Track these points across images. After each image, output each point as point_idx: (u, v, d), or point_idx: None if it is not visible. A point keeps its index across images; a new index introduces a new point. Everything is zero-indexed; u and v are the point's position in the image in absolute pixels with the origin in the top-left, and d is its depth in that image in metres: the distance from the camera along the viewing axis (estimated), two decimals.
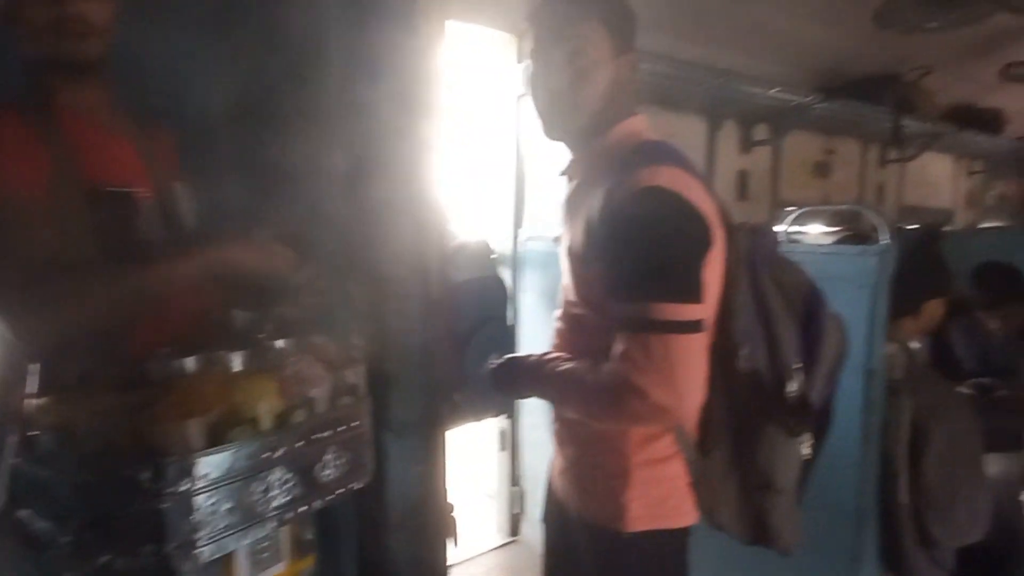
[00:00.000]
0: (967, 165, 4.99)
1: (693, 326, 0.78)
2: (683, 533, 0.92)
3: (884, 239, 1.37)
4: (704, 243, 0.82)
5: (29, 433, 0.74)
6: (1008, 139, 4.53)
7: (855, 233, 2.17)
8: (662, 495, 0.90)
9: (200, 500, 0.65)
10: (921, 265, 1.45)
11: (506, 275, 2.48)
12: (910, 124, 3.59)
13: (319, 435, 0.78)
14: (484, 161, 2.53)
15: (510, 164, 2.45)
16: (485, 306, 1.81)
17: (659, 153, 0.87)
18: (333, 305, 1.40)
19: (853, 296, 1.36)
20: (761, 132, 3.31)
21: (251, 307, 0.93)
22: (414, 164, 1.24)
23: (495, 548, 2.46)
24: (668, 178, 0.81)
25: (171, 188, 1.03)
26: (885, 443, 1.35)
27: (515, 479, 2.54)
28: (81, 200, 0.87)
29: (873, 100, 3.31)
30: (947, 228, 3.45)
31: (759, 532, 0.92)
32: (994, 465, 1.72)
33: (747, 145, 3.30)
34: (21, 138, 0.83)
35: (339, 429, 0.82)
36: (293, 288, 0.98)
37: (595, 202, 0.86)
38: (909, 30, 2.76)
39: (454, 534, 1.32)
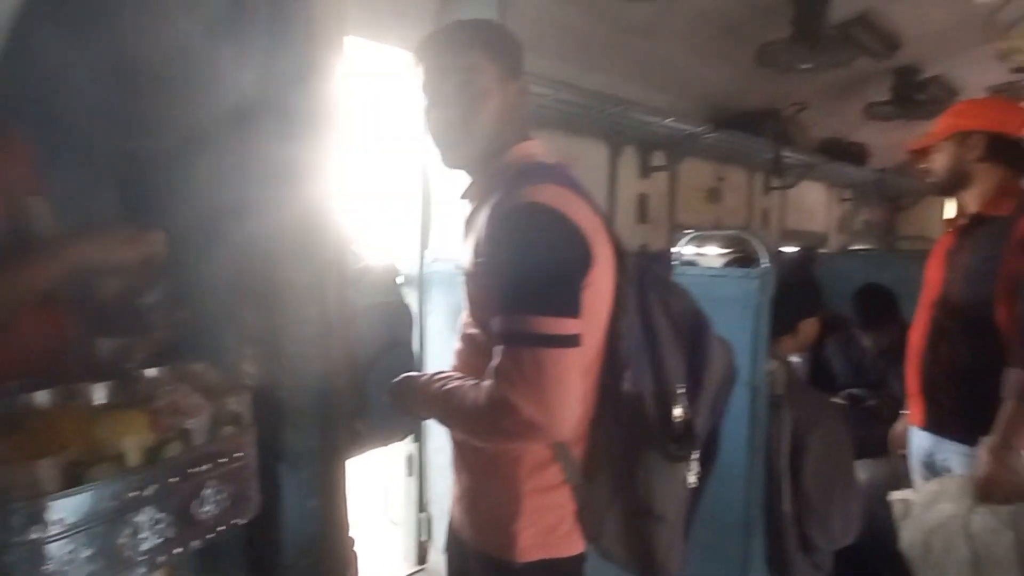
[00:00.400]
0: (838, 193, 5.50)
1: (567, 340, 0.79)
2: (576, 562, 0.92)
3: (765, 263, 1.48)
4: (582, 260, 0.83)
5: None
6: (872, 170, 5.06)
7: (745, 255, 2.32)
8: (552, 523, 0.89)
9: (54, 549, 0.58)
10: (795, 287, 1.57)
11: (412, 297, 2.45)
12: (788, 155, 3.92)
13: (196, 469, 0.73)
14: (391, 181, 2.50)
15: (417, 184, 2.43)
16: (389, 332, 1.77)
17: (544, 173, 0.90)
18: (219, 329, 1.32)
19: (738, 316, 1.45)
20: (658, 158, 3.49)
21: (120, 334, 0.86)
22: (312, 183, 1.20)
23: None
24: (549, 195, 0.83)
25: (25, 203, 0.94)
26: (769, 455, 1.43)
27: (423, 505, 2.48)
28: None
29: (756, 132, 3.59)
30: (819, 251, 3.78)
31: (644, 561, 0.91)
32: (864, 470, 1.88)
33: (646, 170, 3.47)
34: None
35: (220, 461, 0.76)
36: (165, 309, 0.91)
37: (481, 221, 0.87)
38: (785, 70, 3.02)
39: (355, 572, 1.26)
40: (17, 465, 0.56)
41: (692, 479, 0.95)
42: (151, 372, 0.79)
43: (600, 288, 0.87)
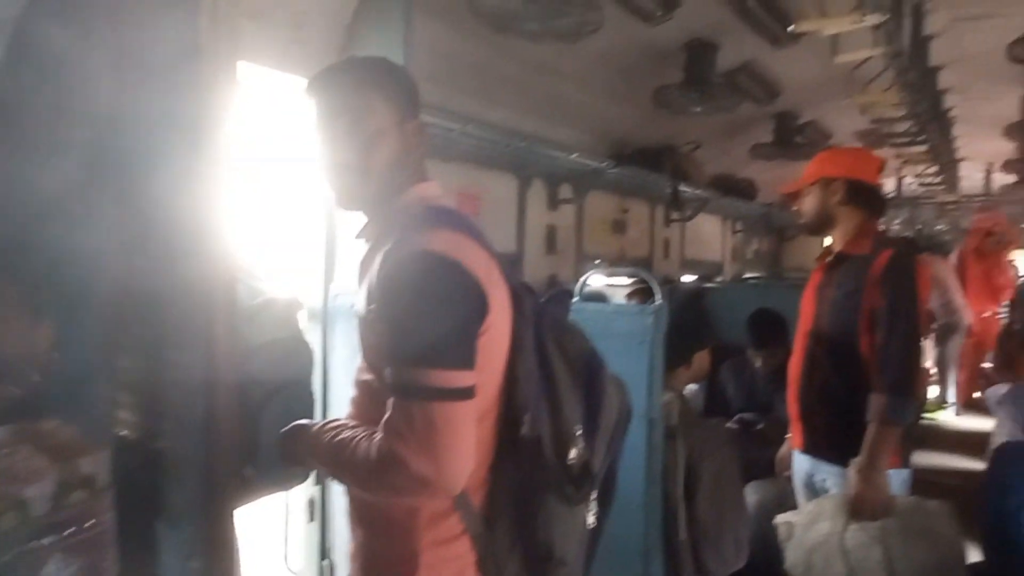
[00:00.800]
0: (731, 225, 5.89)
1: (460, 393, 0.78)
2: None
3: (658, 299, 1.54)
4: (477, 309, 0.82)
5: None
6: (759, 204, 5.48)
7: (646, 286, 2.40)
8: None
9: None
10: (688, 321, 1.66)
11: (316, 333, 2.36)
12: (685, 189, 4.16)
13: (35, 543, 0.65)
14: (294, 211, 2.42)
15: (321, 214, 2.37)
16: (286, 370, 1.69)
17: (439, 218, 0.88)
18: (90, 377, 1.21)
19: (634, 350, 1.49)
20: (566, 191, 3.60)
21: None
22: (200, 213, 1.13)
23: None
24: (443, 243, 0.82)
25: None
26: (665, 485, 1.47)
27: (324, 552, 2.36)
28: None
29: (656, 168, 3.79)
30: (711, 284, 4.02)
31: None
32: (754, 492, 1.98)
33: (554, 202, 3.56)
34: None
35: (67, 532, 0.69)
36: (20, 359, 0.83)
37: (375, 265, 0.85)
38: (679, 112, 3.23)
39: None
40: None
41: (591, 519, 0.96)
42: None
43: (496, 334, 0.86)
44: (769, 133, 4.28)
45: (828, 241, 1.80)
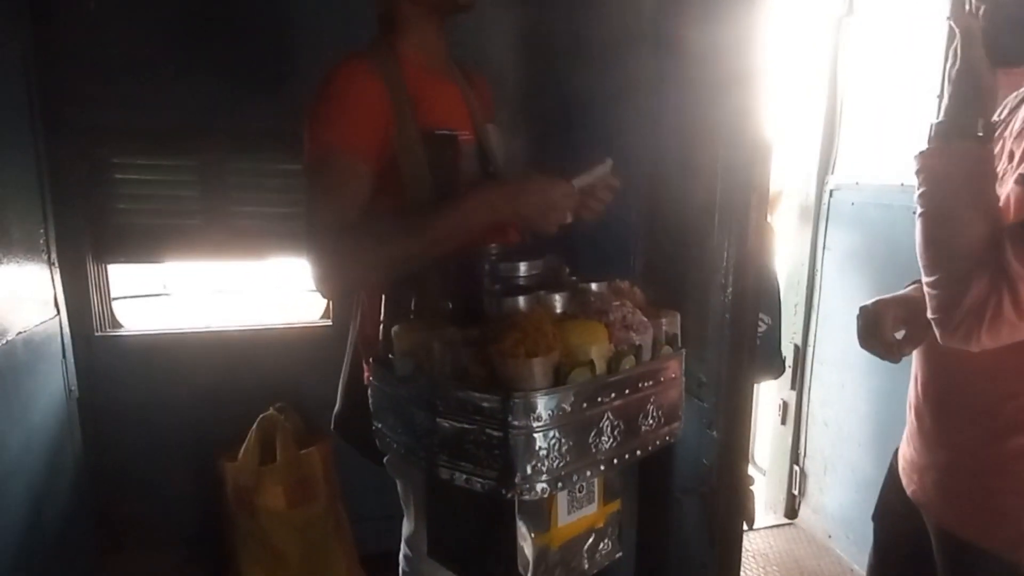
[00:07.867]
0: None
1: None
2: None
3: None
4: None
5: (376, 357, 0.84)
6: None
7: None
8: None
9: (540, 438, 0.65)
10: None
11: (804, 230, 2.18)
12: None
13: (644, 384, 0.74)
14: (791, 94, 2.22)
15: (820, 99, 2.11)
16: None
17: None
18: (621, 255, 1.36)
19: None
20: None
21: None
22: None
23: (769, 527, 2.27)
24: None
25: (486, 130, 1.08)
26: None
27: (796, 457, 2.30)
28: (417, 140, 0.94)
29: None
30: None
31: None
32: None
33: None
34: (374, 85, 0.93)
35: (660, 380, 0.77)
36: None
37: None
38: None
39: (750, 512, 1.19)
40: (519, 361, 0.63)
41: None
42: (595, 286, 0.81)
43: None
44: None
45: None
